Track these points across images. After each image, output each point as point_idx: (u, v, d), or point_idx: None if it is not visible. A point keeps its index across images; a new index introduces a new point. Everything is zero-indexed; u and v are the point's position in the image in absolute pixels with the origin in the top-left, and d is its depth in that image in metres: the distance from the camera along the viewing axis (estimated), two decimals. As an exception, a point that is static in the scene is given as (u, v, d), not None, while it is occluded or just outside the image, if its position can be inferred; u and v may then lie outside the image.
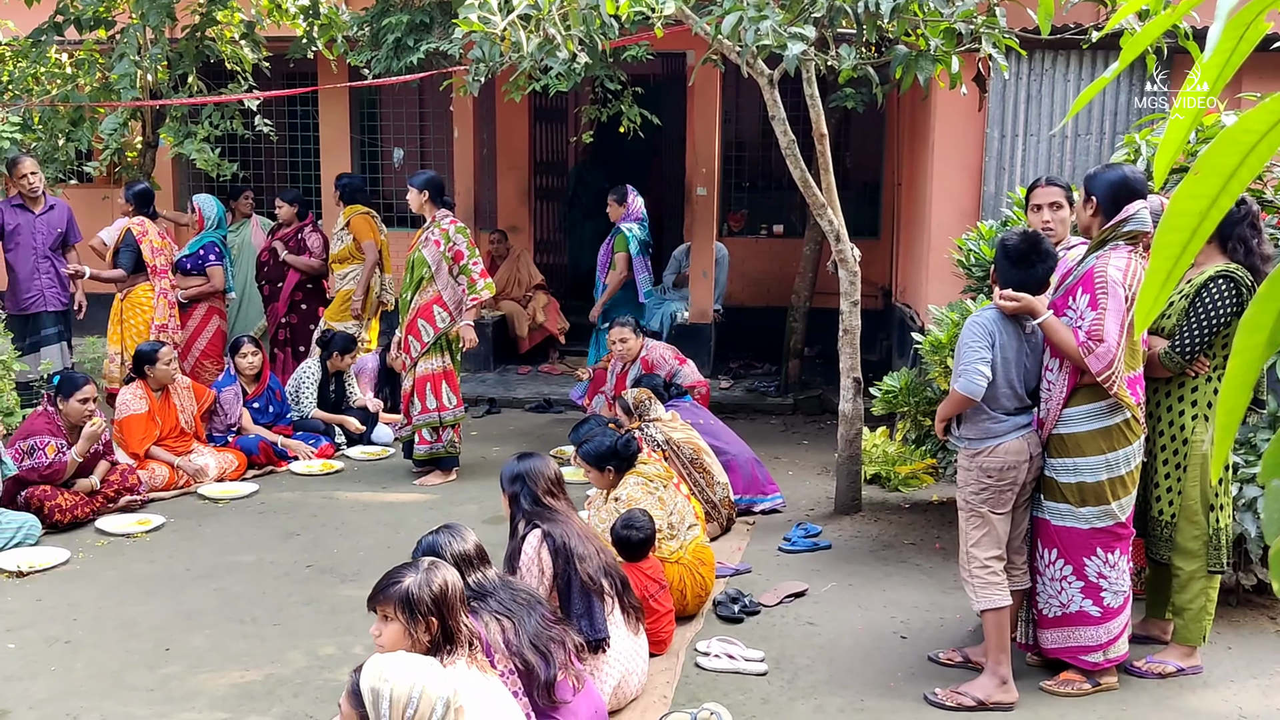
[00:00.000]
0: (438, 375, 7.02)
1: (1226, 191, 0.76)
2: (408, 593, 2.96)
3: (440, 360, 7.03)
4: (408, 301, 7.03)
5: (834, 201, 6.19)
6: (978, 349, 4.01)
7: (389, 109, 11.85)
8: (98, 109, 8.68)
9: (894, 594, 5.22)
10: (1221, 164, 0.74)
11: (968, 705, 4.07)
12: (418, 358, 7.01)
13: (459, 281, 6.97)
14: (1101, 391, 3.98)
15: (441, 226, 6.94)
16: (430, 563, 3.08)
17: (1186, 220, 0.76)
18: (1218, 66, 0.84)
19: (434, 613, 2.94)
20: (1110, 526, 4.08)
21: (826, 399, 9.02)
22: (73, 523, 6.04)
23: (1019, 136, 7.62)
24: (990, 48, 5.40)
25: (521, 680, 3.39)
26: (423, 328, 6.96)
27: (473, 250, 6.99)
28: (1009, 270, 4.06)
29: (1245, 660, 4.50)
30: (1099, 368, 3.89)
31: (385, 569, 5.34)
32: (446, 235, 6.90)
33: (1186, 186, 0.76)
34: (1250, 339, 0.72)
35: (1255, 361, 0.73)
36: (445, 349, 7.05)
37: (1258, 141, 0.73)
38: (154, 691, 4.20)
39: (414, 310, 6.98)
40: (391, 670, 2.47)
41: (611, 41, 6.28)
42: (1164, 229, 0.79)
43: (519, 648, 3.39)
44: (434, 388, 7.02)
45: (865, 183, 11.57)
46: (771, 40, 4.85)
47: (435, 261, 6.91)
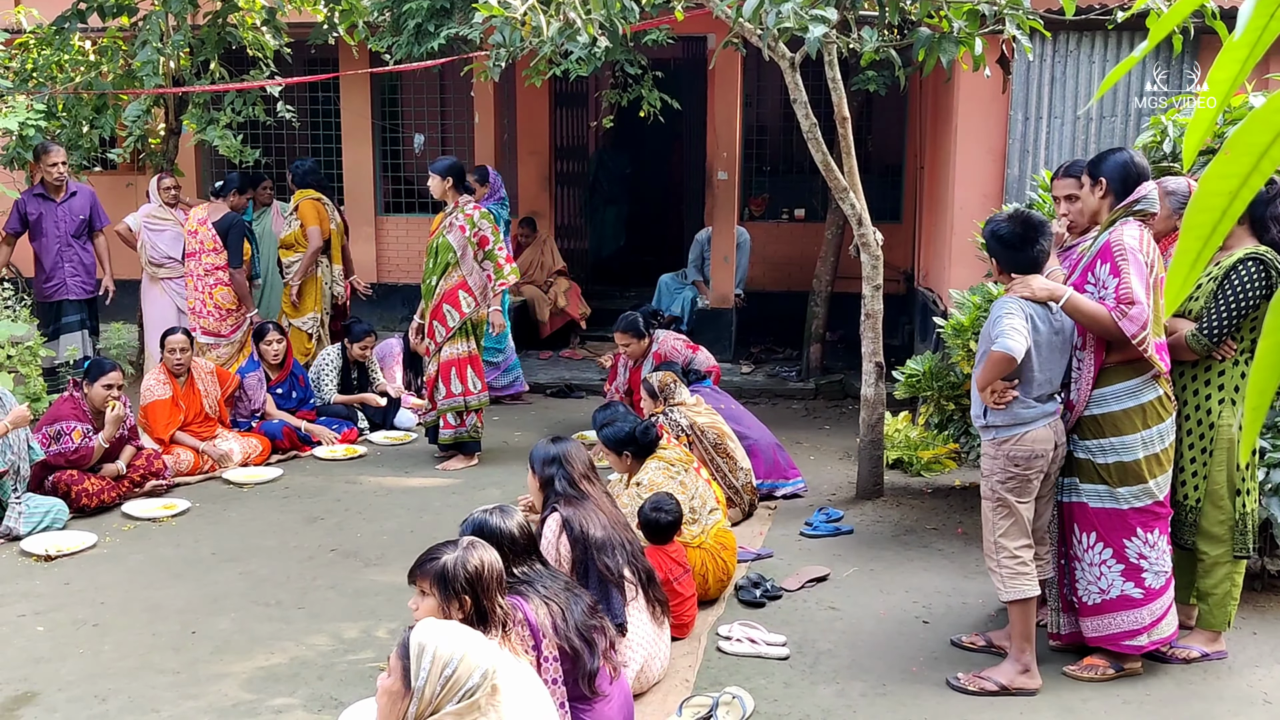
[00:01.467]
0: (463, 360, 7.05)
1: (1258, 171, 0.75)
2: (444, 568, 2.98)
3: (465, 345, 7.06)
4: (432, 287, 7.03)
5: (856, 185, 6.16)
6: (1013, 317, 3.91)
7: (410, 94, 11.86)
8: (121, 96, 8.71)
9: (916, 579, 5.21)
10: (1252, 143, 0.73)
11: (990, 690, 4.06)
12: (442, 342, 7.03)
13: (484, 267, 7.01)
14: (1133, 369, 3.97)
15: (466, 212, 6.97)
16: (470, 541, 3.09)
17: (1217, 200, 0.76)
18: (1248, 46, 0.83)
19: (468, 591, 2.96)
20: (1149, 505, 4.05)
21: (848, 383, 9.00)
22: (99, 507, 6.10)
23: (1043, 119, 7.56)
24: (1014, 29, 5.35)
25: (565, 666, 3.40)
26: (448, 313, 6.98)
27: (498, 235, 7.05)
28: (1008, 255, 4.05)
29: (1270, 645, 4.47)
30: (1134, 330, 3.87)
31: (409, 553, 5.38)
32: (471, 221, 6.94)
33: (1217, 167, 0.75)
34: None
35: (1287, 342, 0.73)
36: (470, 334, 7.08)
37: (1289, 120, 0.73)
38: (180, 674, 4.24)
39: (439, 296, 6.99)
40: (441, 631, 2.52)
41: (632, 25, 6.25)
42: (1194, 209, 0.78)
43: (567, 633, 3.40)
44: (459, 372, 7.04)
45: (887, 166, 11.50)
46: (793, 23, 4.82)
47: (460, 247, 6.94)
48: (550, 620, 3.38)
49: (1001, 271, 4.14)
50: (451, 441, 7.15)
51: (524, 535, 3.53)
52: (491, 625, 2.99)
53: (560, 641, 3.38)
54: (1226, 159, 0.74)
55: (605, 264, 12.96)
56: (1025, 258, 4.02)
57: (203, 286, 7.95)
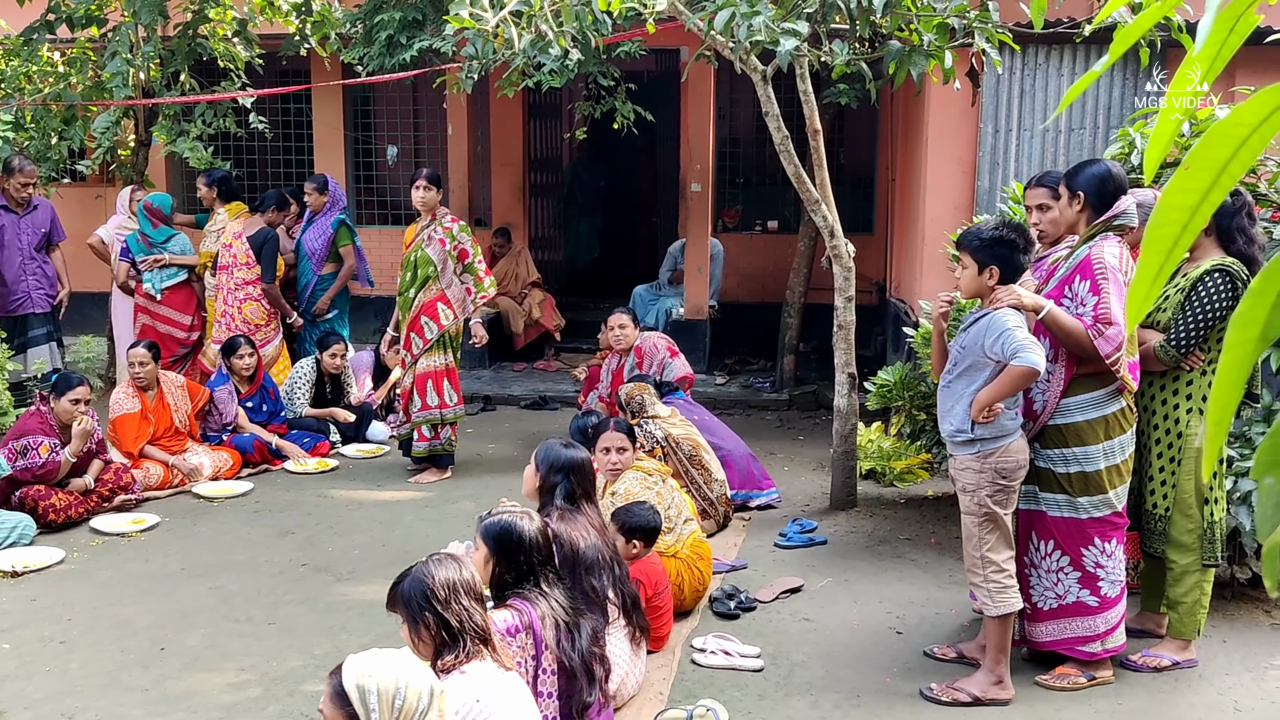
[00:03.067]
0: (439, 372, 7.02)
1: (1218, 185, 0.75)
2: (400, 592, 2.96)
3: (442, 357, 7.03)
4: (410, 300, 6.99)
5: (828, 197, 6.18)
6: (1021, 329, 3.86)
7: (382, 106, 11.83)
8: (90, 107, 8.65)
9: (889, 589, 5.22)
10: (1213, 158, 0.74)
11: (963, 701, 4.07)
12: (419, 355, 6.99)
13: (463, 280, 7.00)
14: (1099, 380, 3.99)
15: (445, 225, 6.94)
16: (433, 557, 3.03)
17: (1178, 215, 0.76)
18: (1208, 59, 0.84)
19: (429, 608, 2.90)
20: (1108, 516, 4.09)
21: (822, 394, 9.02)
22: (67, 522, 6.03)
23: (1013, 131, 7.62)
24: (983, 42, 5.40)
25: (560, 683, 3.38)
26: (426, 325, 6.95)
27: (476, 248, 7.05)
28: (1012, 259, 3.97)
29: (1240, 654, 4.51)
30: (1109, 350, 3.89)
31: (381, 567, 5.39)
32: (451, 234, 6.92)
33: (1178, 181, 0.75)
34: (1243, 334, 0.72)
35: (1248, 357, 0.73)
36: (448, 346, 7.05)
37: (1249, 135, 0.73)
38: (149, 691, 4.19)
39: (418, 308, 6.95)
40: (371, 666, 2.48)
41: (604, 38, 6.27)
42: (1155, 223, 0.78)
43: (570, 653, 3.38)
44: (435, 384, 7.01)
45: (859, 178, 11.56)
46: (764, 36, 4.84)
47: (441, 260, 6.91)
48: (555, 635, 3.36)
49: (1002, 279, 3.99)
50: (426, 454, 7.10)
51: (545, 543, 3.51)
52: (465, 641, 2.90)
53: (562, 658, 3.36)
54: (1187, 174, 0.75)
55: (579, 275, 12.95)
56: (1023, 264, 4.01)
57: (233, 301, 8.04)
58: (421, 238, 6.97)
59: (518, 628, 3.30)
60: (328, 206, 8.42)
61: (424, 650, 2.92)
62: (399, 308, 7.13)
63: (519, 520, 3.46)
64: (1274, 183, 5.00)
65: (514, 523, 3.44)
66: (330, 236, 8.37)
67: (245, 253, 8.00)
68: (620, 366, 7.44)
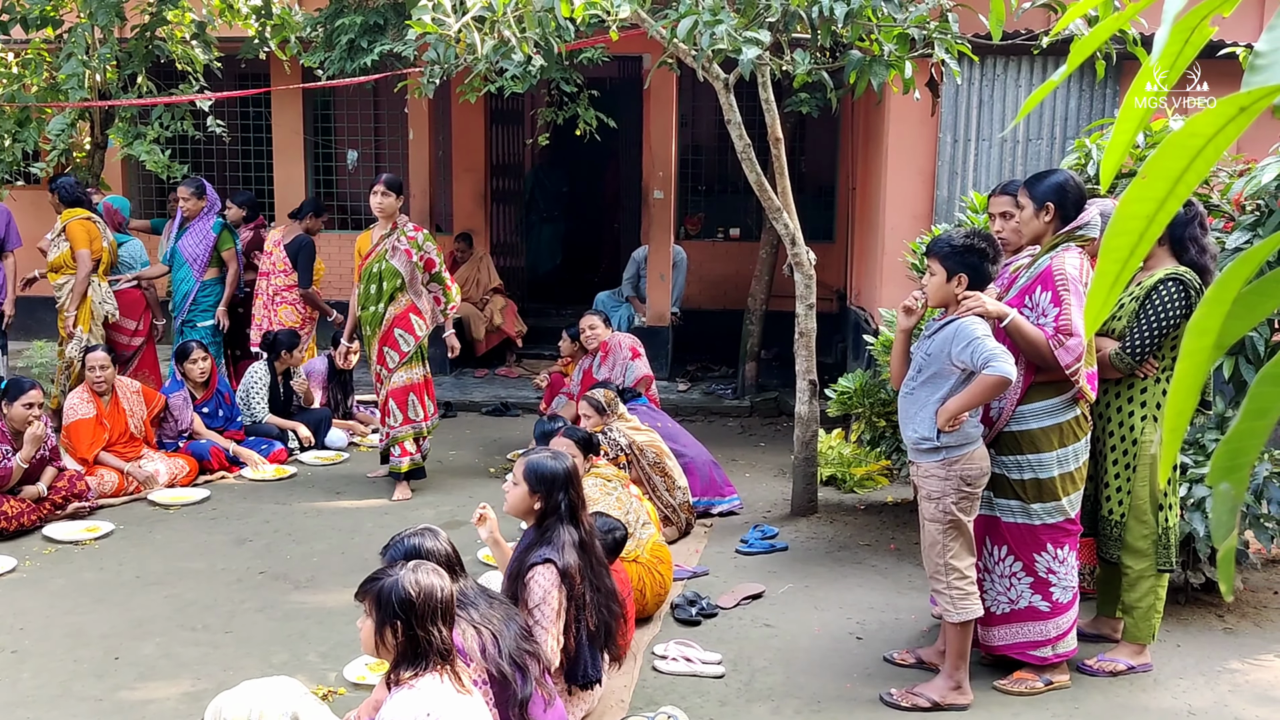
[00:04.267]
0: (419, 385, 6.85)
1: (1174, 195, 0.76)
2: (380, 590, 2.90)
3: (421, 369, 6.86)
4: (380, 314, 6.73)
5: (789, 205, 6.22)
6: (990, 338, 3.87)
7: (343, 111, 11.76)
8: (45, 109, 8.52)
9: (850, 595, 5.25)
10: (1168, 168, 0.75)
11: (923, 706, 4.09)
12: (395, 368, 6.78)
13: (430, 289, 6.88)
14: (1055, 388, 4.04)
15: (408, 234, 6.71)
16: (415, 565, 2.97)
17: (1134, 224, 0.77)
18: (1164, 70, 0.85)
19: (400, 616, 2.83)
20: (1060, 522, 4.13)
21: (783, 401, 9.06)
22: (19, 530, 5.92)
23: (971, 141, 7.70)
24: (943, 53, 5.45)
25: (494, 691, 3.34)
26: (401, 338, 6.74)
27: (441, 257, 6.90)
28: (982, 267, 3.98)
29: (1194, 658, 4.57)
30: (1069, 360, 3.94)
31: (339, 575, 5.34)
32: (416, 244, 6.71)
33: (1134, 190, 0.77)
34: (1197, 342, 0.73)
35: (1202, 364, 0.74)
36: (423, 358, 6.89)
37: (1204, 146, 0.74)
38: (102, 701, 4.13)
39: (389, 322, 6.72)
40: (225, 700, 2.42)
41: (567, 44, 6.27)
42: (1112, 232, 0.79)
43: (497, 659, 3.31)
44: (418, 397, 6.84)
45: (820, 187, 11.64)
46: (726, 44, 4.86)
47: (409, 272, 6.71)
48: (479, 644, 3.31)
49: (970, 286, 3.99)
50: (409, 469, 6.88)
51: (454, 557, 3.46)
52: (427, 656, 2.84)
53: (489, 667, 3.31)
54: (1143, 183, 0.76)
55: (541, 282, 12.93)
56: (991, 273, 4.02)
57: (270, 306, 8.21)
58: (384, 248, 6.70)
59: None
60: (205, 211, 8.06)
61: (384, 653, 2.89)
62: (363, 322, 6.84)
63: (423, 539, 3.39)
64: (1226, 193, 5.08)
65: (420, 543, 3.37)
66: (213, 241, 8.07)
67: (283, 259, 8.22)
68: (591, 366, 7.46)
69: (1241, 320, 0.71)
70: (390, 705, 2.79)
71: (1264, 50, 0.71)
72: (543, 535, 3.87)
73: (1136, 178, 0.77)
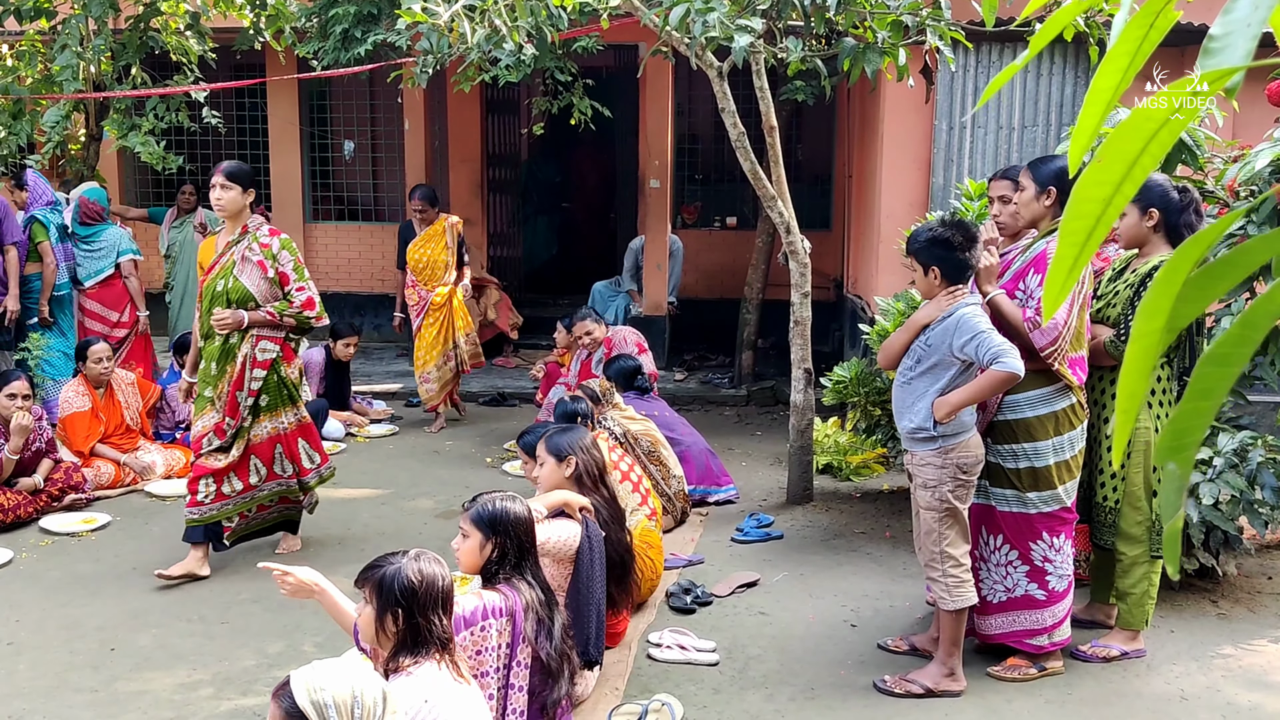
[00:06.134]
0: (292, 433, 5.42)
1: (1129, 179, 0.76)
2: (382, 577, 2.92)
3: (293, 413, 5.43)
4: (230, 349, 5.20)
5: (784, 194, 6.21)
6: (995, 331, 3.87)
7: (339, 101, 11.74)
8: (39, 101, 8.51)
9: (845, 583, 5.26)
10: (1124, 152, 0.75)
11: (916, 693, 4.10)
12: (250, 417, 5.28)
13: None
14: (1048, 376, 4.03)
15: (261, 241, 5.19)
16: (418, 553, 2.99)
17: (1091, 207, 0.77)
18: (1127, 55, 0.85)
19: (401, 604, 2.86)
20: (1056, 511, 4.13)
21: (780, 390, 9.06)
22: (15, 522, 5.94)
23: (967, 129, 7.69)
24: (936, 40, 5.44)
25: (534, 681, 3.38)
26: (258, 378, 5.27)
27: (301, 271, 5.28)
28: (953, 259, 4.01)
29: (1188, 643, 4.58)
30: (1044, 342, 3.94)
31: (336, 565, 5.35)
32: (270, 254, 5.19)
33: (1091, 174, 0.76)
34: (1148, 324, 0.73)
35: (1153, 347, 0.74)
36: (291, 399, 5.40)
37: (1158, 129, 0.74)
38: (99, 692, 4.14)
39: (244, 359, 5.21)
40: (322, 679, 2.42)
41: (561, 33, 6.25)
42: (1070, 215, 0.79)
43: (547, 650, 3.38)
44: (288, 448, 5.42)
45: (817, 175, 11.63)
46: (719, 32, 4.85)
47: (261, 292, 5.19)
48: (534, 629, 3.36)
49: (944, 280, 4.00)
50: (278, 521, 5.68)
51: (530, 530, 3.51)
52: (426, 644, 2.87)
53: (539, 652, 3.36)
54: (1099, 167, 0.76)
55: (538, 272, 12.93)
56: (969, 260, 3.99)
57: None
58: (230, 260, 5.19)
59: (501, 611, 3.29)
60: (30, 202, 7.78)
61: (383, 641, 2.91)
62: (205, 357, 5.27)
63: (511, 504, 3.47)
64: (1220, 179, 5.08)
65: (507, 507, 3.46)
66: (27, 234, 7.67)
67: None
68: (589, 359, 7.45)
69: (1191, 304, 0.71)
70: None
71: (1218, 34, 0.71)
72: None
73: (1093, 161, 0.78)
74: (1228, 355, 0.68)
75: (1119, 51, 0.81)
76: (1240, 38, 0.68)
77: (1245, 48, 0.68)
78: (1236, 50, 0.67)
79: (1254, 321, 0.67)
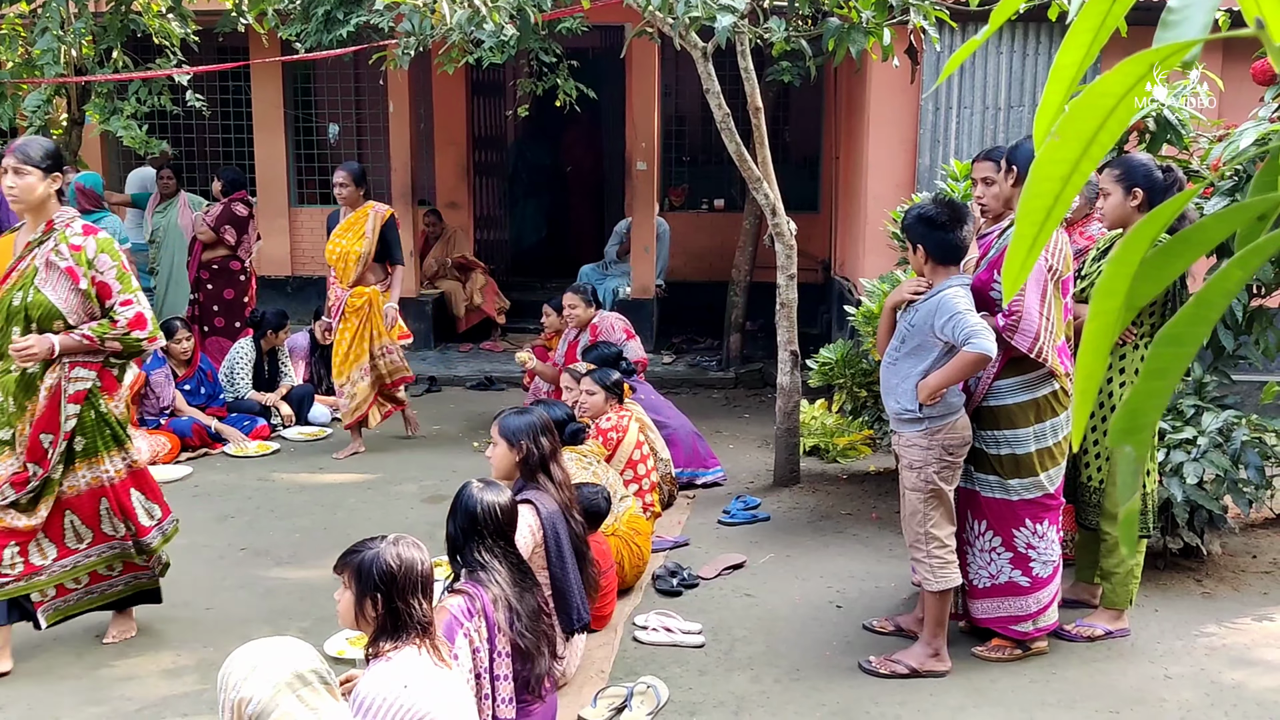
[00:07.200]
0: (121, 484, 4.32)
1: (1087, 156, 0.75)
2: (361, 562, 2.91)
3: (119, 458, 4.32)
4: (29, 379, 4.09)
5: (769, 175, 6.19)
6: (972, 313, 3.86)
7: (323, 84, 11.66)
8: (20, 85, 8.43)
9: (830, 564, 5.26)
10: (1081, 129, 0.73)
11: (901, 673, 4.11)
12: (62, 465, 4.17)
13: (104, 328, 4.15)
14: (1028, 363, 4.01)
15: (71, 242, 4.08)
16: (396, 538, 2.99)
17: (1049, 185, 0.76)
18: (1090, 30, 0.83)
19: (380, 589, 2.86)
20: (1039, 498, 4.12)
21: (767, 372, 9.05)
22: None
23: (953, 109, 7.67)
24: (921, 19, 5.42)
25: (515, 665, 3.38)
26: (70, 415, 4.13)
27: (127, 279, 4.17)
28: (938, 238, 3.99)
29: (1172, 623, 4.59)
30: (1025, 344, 3.93)
31: (322, 551, 5.34)
32: (84, 258, 4.08)
33: (1048, 152, 0.75)
34: (1105, 304, 0.72)
35: (1111, 326, 0.73)
36: (116, 439, 4.29)
37: (1116, 105, 0.73)
38: (82, 679, 4.13)
39: (50, 392, 4.10)
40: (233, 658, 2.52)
41: (544, 14, 6.21)
42: (1028, 195, 0.78)
43: (523, 634, 3.40)
44: (116, 503, 4.30)
45: (805, 157, 11.59)
46: (701, 12, 4.83)
47: (72, 308, 4.09)
48: (507, 617, 3.37)
49: (930, 259, 4.01)
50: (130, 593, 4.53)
51: (508, 517, 3.51)
52: (406, 629, 2.86)
53: (515, 639, 3.37)
54: (1057, 145, 0.75)
55: (526, 255, 12.89)
56: (954, 240, 3.97)
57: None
58: (31, 265, 4.09)
59: (471, 613, 3.29)
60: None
61: (363, 626, 2.91)
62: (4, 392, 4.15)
63: (484, 491, 3.49)
64: (1205, 159, 5.07)
65: (480, 494, 3.47)
66: None
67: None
68: (576, 340, 7.37)
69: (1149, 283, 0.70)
70: (367, 677, 2.80)
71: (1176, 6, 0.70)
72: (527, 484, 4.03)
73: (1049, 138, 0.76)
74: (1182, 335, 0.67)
75: (1081, 27, 0.80)
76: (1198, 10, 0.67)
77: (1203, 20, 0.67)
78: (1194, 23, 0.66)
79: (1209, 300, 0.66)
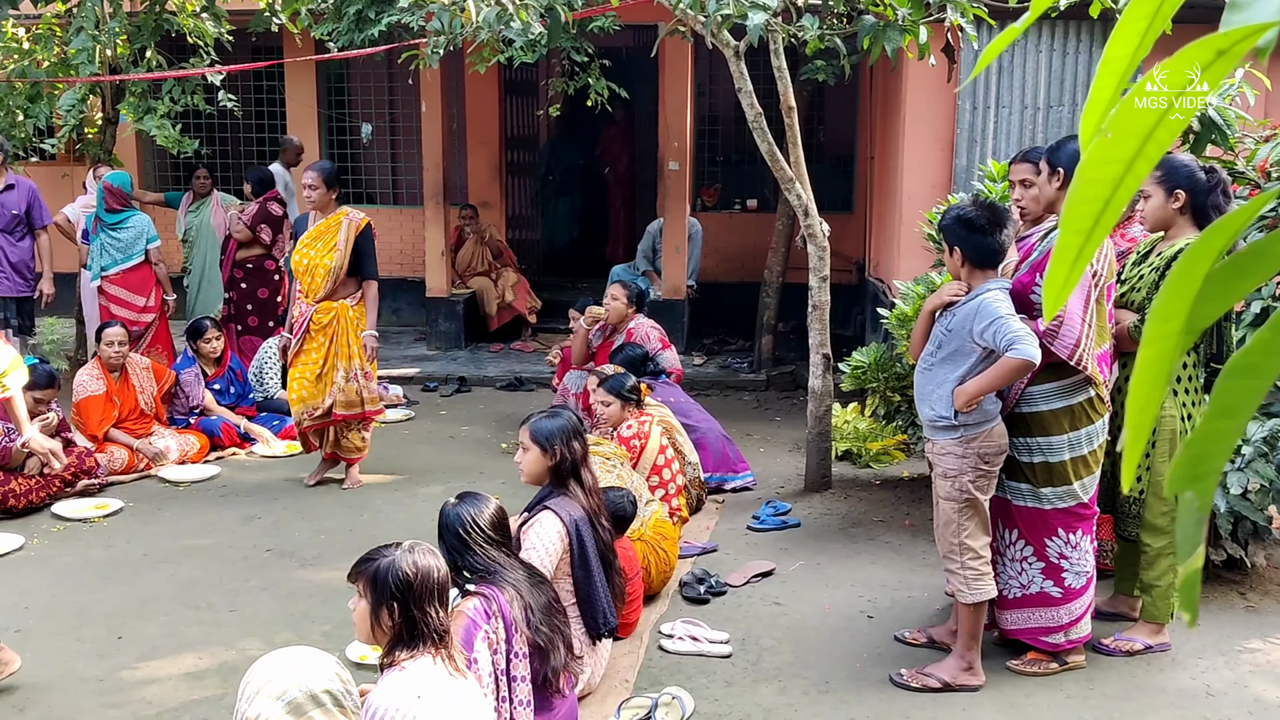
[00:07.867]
0: None
1: (1143, 155, 0.66)
2: (376, 571, 2.85)
3: None
4: None
5: (802, 175, 6.09)
6: (1014, 318, 3.74)
7: (357, 83, 11.66)
8: (56, 85, 8.48)
9: (862, 573, 5.16)
10: (1136, 125, 0.65)
11: (933, 687, 4.01)
12: None
13: None
14: (1064, 370, 3.89)
15: None
16: (412, 545, 2.93)
17: (1098, 189, 0.67)
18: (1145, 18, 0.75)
19: (396, 598, 2.80)
20: (1072, 507, 4.00)
21: (799, 375, 8.93)
22: (28, 508, 5.92)
23: (990, 108, 7.53)
24: (958, 17, 5.30)
25: (534, 665, 3.34)
26: None
27: None
28: (976, 241, 3.89)
29: (1214, 636, 4.46)
30: (1067, 351, 3.80)
31: (346, 553, 5.29)
32: None
33: (1097, 151, 0.66)
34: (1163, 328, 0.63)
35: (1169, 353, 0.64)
36: None
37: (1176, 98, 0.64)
38: (103, 681, 4.10)
39: None
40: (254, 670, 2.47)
41: (575, 12, 6.15)
42: (1072, 201, 0.69)
43: (538, 626, 3.37)
44: None
45: (839, 156, 11.45)
46: (733, 10, 4.74)
47: None
48: (524, 615, 3.33)
49: (967, 262, 3.90)
50: None
51: (500, 523, 3.46)
52: (422, 638, 2.80)
53: (534, 637, 3.33)
54: (1108, 143, 0.66)
55: (558, 255, 12.83)
56: (993, 243, 3.85)
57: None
58: None
59: (489, 614, 3.24)
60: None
61: (379, 635, 2.85)
62: None
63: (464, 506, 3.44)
64: (1251, 160, 4.93)
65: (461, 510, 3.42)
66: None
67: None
68: (608, 340, 7.24)
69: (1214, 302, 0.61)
70: (380, 687, 2.75)
71: (1246, -14, 0.61)
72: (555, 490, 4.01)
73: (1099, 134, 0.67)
74: (1256, 366, 0.58)
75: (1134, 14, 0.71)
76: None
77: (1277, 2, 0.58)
78: (1270, 3, 0.57)
79: (1288, 324, 0.57)
